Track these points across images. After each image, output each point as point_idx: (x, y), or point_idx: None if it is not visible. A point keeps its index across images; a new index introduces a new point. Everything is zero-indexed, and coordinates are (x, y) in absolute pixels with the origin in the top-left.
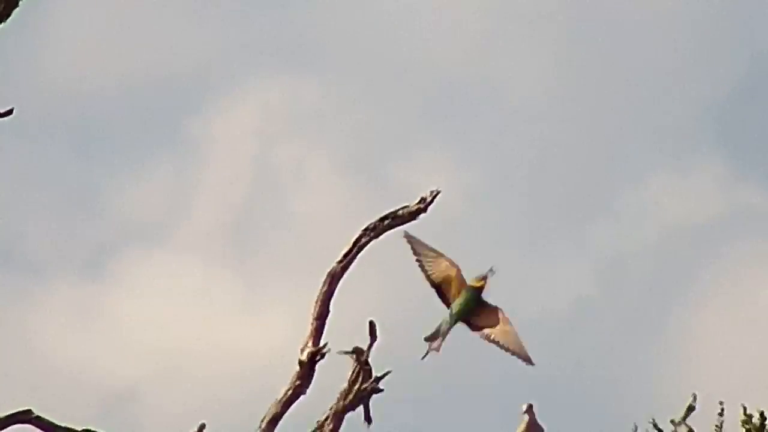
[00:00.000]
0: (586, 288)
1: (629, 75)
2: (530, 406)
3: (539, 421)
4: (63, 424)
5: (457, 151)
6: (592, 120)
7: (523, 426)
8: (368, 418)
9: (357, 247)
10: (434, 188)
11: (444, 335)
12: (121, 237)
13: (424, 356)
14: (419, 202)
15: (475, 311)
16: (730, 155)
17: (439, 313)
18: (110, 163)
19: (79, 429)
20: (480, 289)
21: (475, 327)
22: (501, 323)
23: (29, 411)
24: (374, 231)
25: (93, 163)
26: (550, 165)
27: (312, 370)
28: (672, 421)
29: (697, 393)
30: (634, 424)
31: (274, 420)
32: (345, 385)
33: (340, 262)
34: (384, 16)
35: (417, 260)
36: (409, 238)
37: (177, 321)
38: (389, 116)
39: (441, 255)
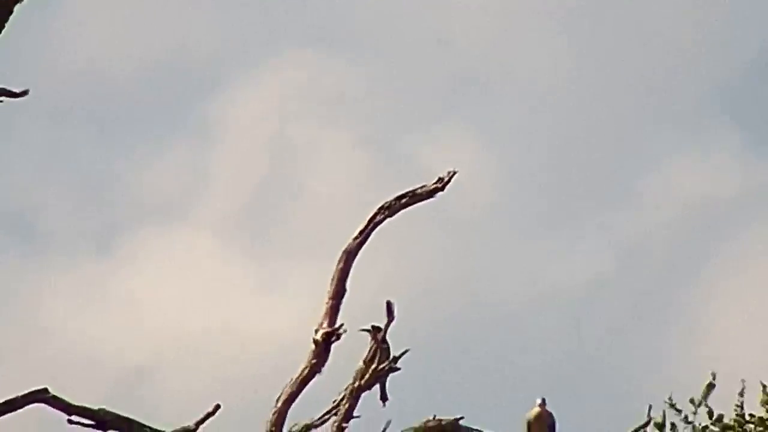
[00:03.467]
0: (604, 267)
1: (647, 58)
2: (543, 400)
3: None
4: (78, 404)
5: (478, 132)
6: (612, 102)
7: (534, 412)
8: (384, 397)
9: (372, 224)
10: (452, 168)
11: None
12: (136, 216)
13: None
14: (436, 182)
15: None
16: (747, 133)
17: (456, 294)
18: (127, 143)
19: (95, 408)
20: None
21: None
22: None
23: (45, 390)
24: (390, 209)
25: (110, 143)
26: (570, 146)
27: (327, 349)
28: (692, 401)
29: (716, 372)
30: (649, 404)
31: (290, 399)
32: (361, 364)
33: (355, 239)
34: None
35: None
36: None
37: (191, 300)
38: (409, 96)
39: None
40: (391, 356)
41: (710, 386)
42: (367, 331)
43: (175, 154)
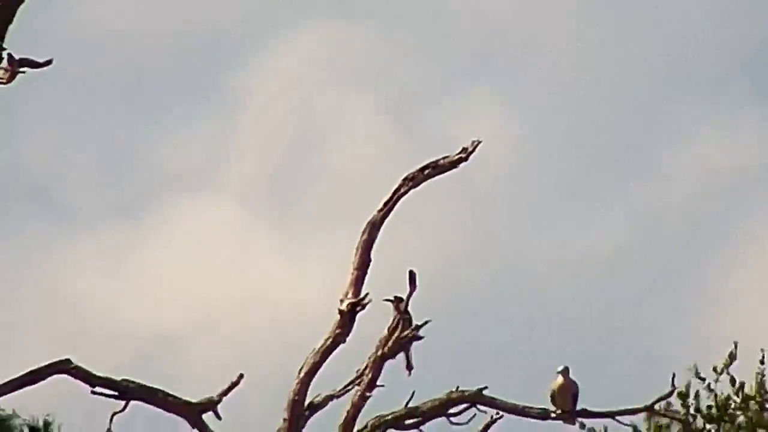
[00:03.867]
0: (626, 237)
1: (672, 30)
2: (566, 368)
3: (573, 378)
4: (101, 374)
5: (502, 103)
6: (635, 73)
7: (558, 382)
8: (409, 366)
9: (397, 196)
10: (476, 138)
11: None
12: (161, 186)
13: None
14: (460, 152)
15: None
16: None
17: (479, 264)
18: (152, 113)
19: (118, 379)
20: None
21: None
22: None
23: (68, 361)
24: (414, 180)
25: (134, 113)
26: (593, 118)
27: (352, 319)
28: (714, 369)
29: (737, 342)
30: (673, 373)
31: (314, 369)
32: (385, 333)
33: (380, 211)
34: None
35: None
36: None
37: (215, 269)
38: (433, 66)
39: None
40: (414, 325)
41: (732, 356)
42: (390, 301)
43: (200, 124)
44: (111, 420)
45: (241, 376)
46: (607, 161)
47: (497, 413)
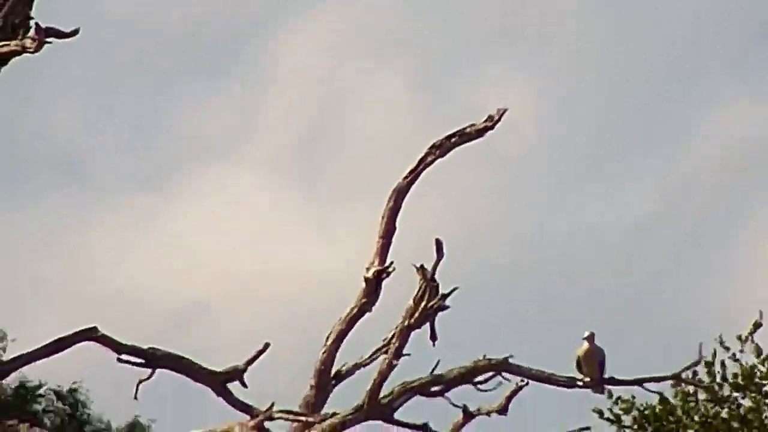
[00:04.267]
0: (652, 206)
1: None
2: (591, 334)
3: (599, 345)
4: (128, 342)
5: (529, 71)
6: (663, 44)
7: (584, 348)
8: (433, 337)
9: (423, 164)
10: (502, 107)
11: None
12: (187, 155)
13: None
14: (486, 120)
15: None
16: None
17: (505, 232)
18: (179, 83)
19: (145, 347)
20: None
21: None
22: None
23: (95, 329)
24: (440, 148)
25: (162, 83)
26: (620, 87)
27: (378, 288)
28: (739, 338)
29: (762, 310)
30: (700, 342)
31: (340, 337)
32: (411, 302)
33: (405, 178)
34: None
35: None
36: None
37: (241, 238)
38: (460, 35)
39: None
40: (440, 294)
41: (756, 324)
42: (417, 269)
43: (226, 94)
44: (137, 388)
45: (267, 344)
46: (635, 130)
47: (522, 380)
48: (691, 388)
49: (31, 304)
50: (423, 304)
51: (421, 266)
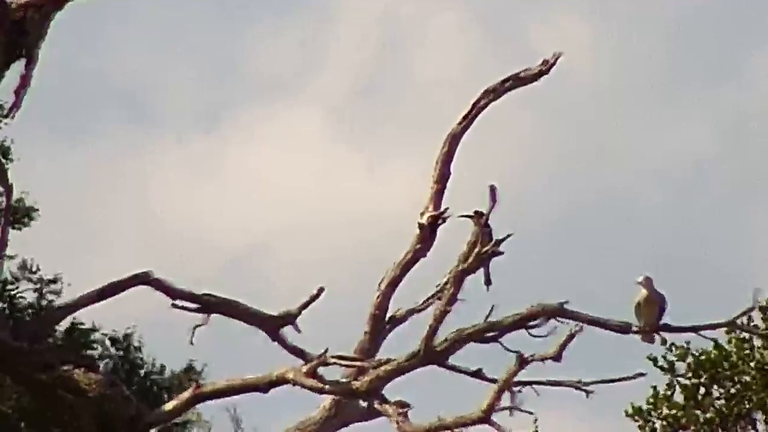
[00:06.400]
0: (711, 147)
1: None
2: (647, 278)
3: (658, 289)
4: (182, 287)
5: (584, 14)
6: None
7: (643, 294)
8: (488, 281)
9: (477, 108)
10: (557, 51)
11: None
12: (247, 95)
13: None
14: (541, 64)
15: None
16: None
17: (560, 176)
18: (241, 23)
19: (199, 293)
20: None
21: None
22: None
23: (149, 273)
24: (494, 93)
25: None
26: (677, 27)
27: (432, 233)
28: None
29: None
30: (755, 288)
31: (394, 283)
32: (465, 248)
33: (459, 123)
34: None
35: None
36: None
37: (299, 180)
38: None
39: None
40: (494, 240)
41: None
42: (470, 216)
43: (288, 35)
44: (193, 333)
45: (322, 289)
46: (692, 71)
47: (577, 325)
48: (746, 335)
49: (88, 246)
50: (476, 250)
51: (476, 212)
